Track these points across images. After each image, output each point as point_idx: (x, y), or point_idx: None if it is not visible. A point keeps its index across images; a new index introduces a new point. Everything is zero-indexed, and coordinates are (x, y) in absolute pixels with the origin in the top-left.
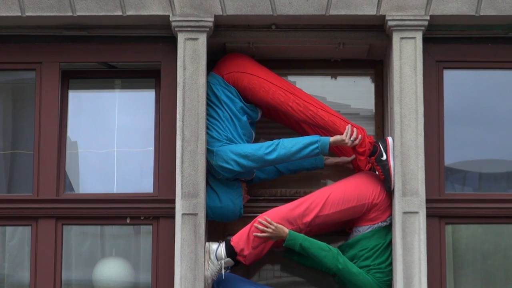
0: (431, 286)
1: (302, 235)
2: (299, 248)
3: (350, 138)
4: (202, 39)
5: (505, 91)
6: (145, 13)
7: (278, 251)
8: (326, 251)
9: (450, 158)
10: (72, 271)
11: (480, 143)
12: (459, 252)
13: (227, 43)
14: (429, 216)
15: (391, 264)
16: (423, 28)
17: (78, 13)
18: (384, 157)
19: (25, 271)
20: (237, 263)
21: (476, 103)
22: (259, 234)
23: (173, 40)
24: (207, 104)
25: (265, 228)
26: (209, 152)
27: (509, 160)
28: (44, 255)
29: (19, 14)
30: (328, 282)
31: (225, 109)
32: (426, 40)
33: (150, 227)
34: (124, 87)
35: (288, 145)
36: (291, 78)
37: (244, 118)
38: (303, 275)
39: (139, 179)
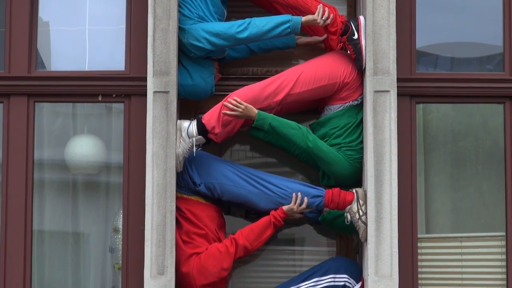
0: (401, 164)
1: (271, 114)
2: (269, 127)
3: (321, 17)
4: None
5: None
6: None
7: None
8: (296, 130)
9: (422, 41)
10: (44, 149)
11: (452, 26)
12: (430, 133)
13: None
14: (400, 95)
15: (362, 142)
16: None
17: None
18: (356, 36)
19: None
20: (208, 141)
21: None
22: (228, 112)
23: None
24: None
25: (235, 107)
26: (180, 30)
27: (481, 43)
28: (16, 133)
29: None
30: (300, 162)
31: None
32: None
33: (122, 105)
34: None
35: (260, 24)
36: None
37: None
38: (275, 155)
39: (110, 57)
